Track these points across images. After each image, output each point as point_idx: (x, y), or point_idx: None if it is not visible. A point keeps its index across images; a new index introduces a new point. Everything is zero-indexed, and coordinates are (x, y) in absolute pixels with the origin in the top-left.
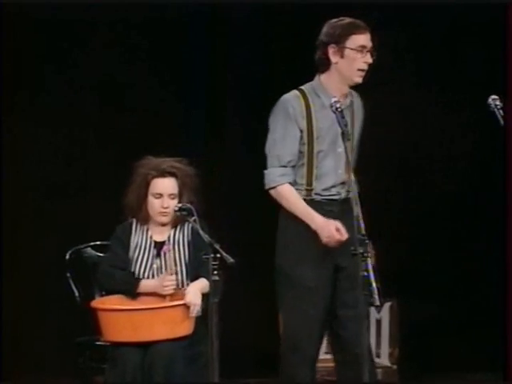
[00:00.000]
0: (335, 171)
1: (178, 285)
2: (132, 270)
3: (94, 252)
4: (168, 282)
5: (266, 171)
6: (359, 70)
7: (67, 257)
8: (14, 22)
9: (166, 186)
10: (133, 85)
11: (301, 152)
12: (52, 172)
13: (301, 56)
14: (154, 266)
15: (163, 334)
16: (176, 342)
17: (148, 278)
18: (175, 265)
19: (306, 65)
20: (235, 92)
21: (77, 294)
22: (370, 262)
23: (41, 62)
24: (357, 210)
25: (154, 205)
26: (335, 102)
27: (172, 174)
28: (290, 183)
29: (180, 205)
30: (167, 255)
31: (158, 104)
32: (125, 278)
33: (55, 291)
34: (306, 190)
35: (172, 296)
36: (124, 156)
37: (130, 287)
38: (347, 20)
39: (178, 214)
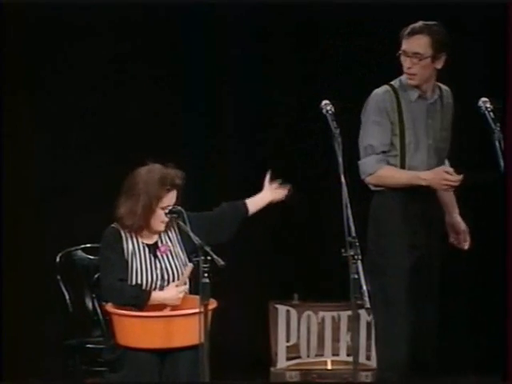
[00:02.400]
0: (428, 163)
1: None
2: (134, 279)
3: (84, 254)
4: (181, 294)
5: (360, 161)
6: (405, 73)
7: (57, 259)
8: (14, 22)
9: (172, 197)
10: (132, 85)
11: (392, 144)
12: (44, 174)
13: (301, 56)
14: (158, 270)
15: (182, 341)
16: (196, 348)
17: (152, 283)
18: (175, 262)
19: (307, 65)
20: (235, 92)
21: (67, 296)
22: (360, 265)
23: (40, 62)
24: (347, 212)
25: (161, 217)
26: (325, 104)
27: (177, 187)
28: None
29: (170, 207)
30: (165, 256)
31: (158, 105)
32: (135, 293)
33: (45, 294)
34: None
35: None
36: (120, 157)
37: (141, 301)
38: (412, 24)
39: (169, 216)
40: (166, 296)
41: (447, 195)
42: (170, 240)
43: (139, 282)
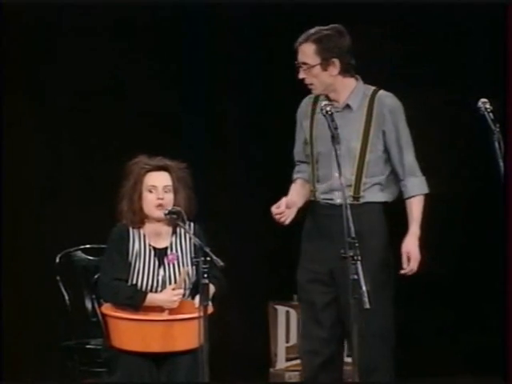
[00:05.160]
0: (332, 175)
1: (183, 295)
2: (134, 280)
3: (83, 255)
4: (176, 297)
5: None
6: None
7: (57, 260)
8: (14, 22)
9: (159, 178)
10: (131, 85)
11: (307, 154)
12: (44, 174)
13: None
14: (160, 277)
15: (179, 346)
16: (192, 353)
17: (152, 288)
18: (179, 274)
19: None
20: (235, 92)
21: (66, 297)
22: (359, 265)
23: (40, 62)
24: (346, 213)
25: (149, 198)
26: (325, 105)
27: (165, 169)
28: (303, 179)
29: (170, 208)
30: (171, 265)
31: (157, 105)
32: (130, 293)
33: (44, 295)
34: (311, 191)
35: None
36: (120, 158)
37: (136, 302)
38: None
39: (168, 217)
40: (161, 298)
41: (409, 212)
42: (181, 249)
43: (139, 284)
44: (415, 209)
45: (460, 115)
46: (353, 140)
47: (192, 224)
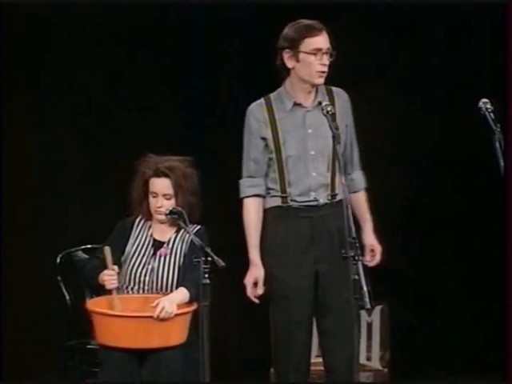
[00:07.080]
0: (309, 175)
1: (166, 289)
2: (127, 265)
3: (84, 255)
4: (105, 277)
5: (239, 181)
6: (317, 72)
7: (58, 260)
8: (14, 22)
9: (160, 186)
10: (132, 84)
11: (270, 159)
12: (44, 174)
13: None
14: (150, 266)
15: (160, 342)
16: (177, 349)
17: (141, 275)
18: (168, 269)
19: None
20: (235, 92)
21: (67, 297)
22: (360, 265)
23: (40, 62)
24: (347, 212)
25: (152, 203)
26: (326, 105)
27: (165, 175)
28: (258, 195)
29: (171, 208)
30: (162, 258)
31: (157, 104)
32: (91, 271)
33: (45, 294)
34: (281, 197)
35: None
36: (121, 158)
37: (93, 280)
38: (302, 23)
39: (169, 217)
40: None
41: (356, 210)
42: (177, 246)
43: (130, 267)
44: (364, 202)
45: (460, 115)
46: (328, 137)
47: (198, 226)
